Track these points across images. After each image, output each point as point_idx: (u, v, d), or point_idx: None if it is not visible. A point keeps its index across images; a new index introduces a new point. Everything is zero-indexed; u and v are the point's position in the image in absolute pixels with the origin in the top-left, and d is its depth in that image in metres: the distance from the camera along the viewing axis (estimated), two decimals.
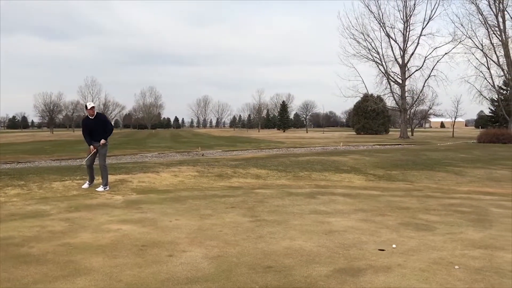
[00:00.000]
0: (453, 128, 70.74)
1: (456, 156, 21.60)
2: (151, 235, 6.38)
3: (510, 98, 45.70)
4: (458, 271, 4.94)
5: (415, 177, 14.58)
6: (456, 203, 9.59)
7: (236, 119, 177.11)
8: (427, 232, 6.82)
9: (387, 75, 52.70)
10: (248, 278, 4.64)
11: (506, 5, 43.51)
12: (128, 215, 7.81)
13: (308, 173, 14.46)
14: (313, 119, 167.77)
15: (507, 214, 8.35)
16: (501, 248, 5.91)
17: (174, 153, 26.45)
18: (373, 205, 9.10)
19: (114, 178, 11.87)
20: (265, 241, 6.14)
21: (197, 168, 14.15)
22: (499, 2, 43.39)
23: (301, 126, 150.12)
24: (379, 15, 52.19)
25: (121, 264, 5.05)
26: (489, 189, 12.39)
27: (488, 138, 33.85)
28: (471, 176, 15.08)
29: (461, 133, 69.77)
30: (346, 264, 5.15)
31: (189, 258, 5.31)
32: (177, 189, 10.99)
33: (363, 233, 6.68)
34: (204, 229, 6.81)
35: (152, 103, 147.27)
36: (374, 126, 75.44)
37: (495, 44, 44.56)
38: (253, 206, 8.85)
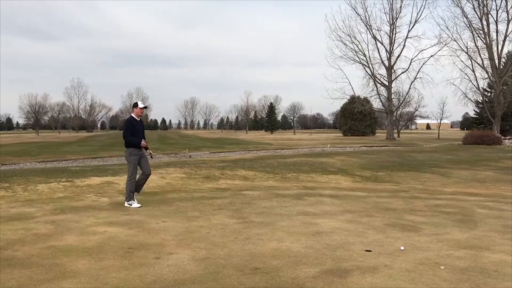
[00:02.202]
0: (438, 129, 71.49)
1: (441, 157, 21.82)
2: (138, 237, 6.34)
3: (494, 100, 46.31)
4: (444, 271, 4.99)
5: (401, 178, 14.70)
6: (442, 204, 9.69)
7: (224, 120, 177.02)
8: (413, 232, 6.88)
9: (373, 77, 53.11)
10: (236, 279, 4.64)
11: (490, 8, 44.17)
12: (114, 217, 7.75)
13: (296, 175, 14.50)
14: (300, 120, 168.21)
15: (492, 215, 8.46)
16: (486, 248, 5.99)
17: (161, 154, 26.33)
18: (360, 206, 9.16)
19: (100, 180, 11.78)
20: (253, 242, 6.14)
21: (184, 170, 14.10)
22: (483, 5, 44.03)
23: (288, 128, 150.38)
24: (366, 18, 52.66)
25: (107, 267, 5.00)
26: (474, 190, 12.54)
27: (473, 139, 34.22)
28: (457, 177, 15.25)
29: (447, 135, 70.51)
30: (333, 265, 5.17)
31: (176, 260, 5.29)
32: (164, 191, 10.94)
33: (350, 234, 6.71)
34: (191, 231, 6.79)
35: None
36: (361, 128, 75.89)
37: (479, 46, 45.24)
38: (240, 207, 8.84)
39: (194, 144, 39.80)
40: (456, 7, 46.17)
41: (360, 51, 52.66)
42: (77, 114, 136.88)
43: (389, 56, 52.46)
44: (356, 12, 54.77)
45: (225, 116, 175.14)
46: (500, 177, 15.58)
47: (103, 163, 19.23)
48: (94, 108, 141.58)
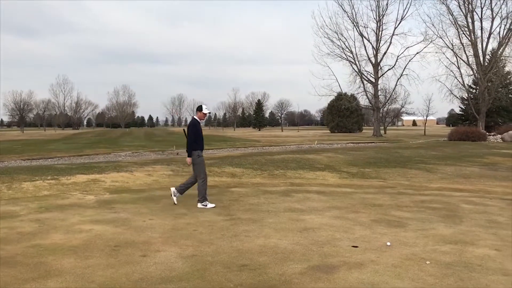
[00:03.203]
0: (424, 126, 72.12)
1: (427, 153, 22.03)
2: (124, 235, 6.30)
3: (479, 97, 46.84)
4: (429, 266, 5.04)
5: (388, 175, 14.81)
6: (428, 199, 9.78)
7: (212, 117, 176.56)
8: (399, 228, 6.94)
9: (360, 74, 53.37)
10: (223, 277, 4.63)
11: (474, 6, 44.60)
12: (100, 215, 7.70)
13: (283, 171, 14.52)
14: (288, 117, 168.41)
15: (477, 210, 8.57)
16: (470, 243, 6.06)
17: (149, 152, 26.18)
18: (347, 203, 9.21)
19: (86, 178, 11.68)
20: (240, 239, 6.14)
21: (171, 167, 14.04)
22: (468, 3, 44.44)
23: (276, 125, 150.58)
24: (353, 15, 52.79)
25: (94, 265, 4.97)
26: (459, 185, 12.68)
27: (458, 136, 34.60)
28: (442, 173, 15.41)
29: (433, 131, 71.19)
30: (320, 261, 5.19)
31: (163, 257, 5.27)
32: (151, 188, 10.89)
33: (337, 230, 6.74)
34: (179, 228, 6.76)
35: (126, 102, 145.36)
36: (348, 125, 76.23)
37: (464, 44, 45.65)
38: (228, 204, 8.83)
39: (182, 142, 39.58)
40: (441, 4, 46.85)
41: (347, 48, 52.90)
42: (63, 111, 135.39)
43: (375, 53, 52.75)
44: (343, 9, 55.04)
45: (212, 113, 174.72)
46: (484, 173, 15.78)
47: (89, 160, 19.06)
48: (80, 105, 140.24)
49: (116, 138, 52.63)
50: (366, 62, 53.64)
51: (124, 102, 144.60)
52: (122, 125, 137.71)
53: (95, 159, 20.97)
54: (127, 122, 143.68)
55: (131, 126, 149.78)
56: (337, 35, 52.83)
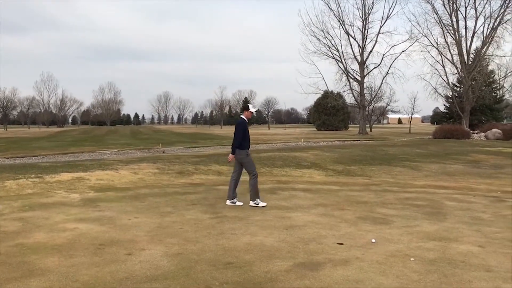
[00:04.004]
0: (410, 124, 72.77)
1: (412, 151, 22.23)
2: (109, 234, 6.25)
3: (464, 95, 47.38)
4: (414, 262, 5.09)
5: (373, 172, 14.91)
6: (412, 197, 9.87)
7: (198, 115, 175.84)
8: (384, 225, 6.99)
9: (346, 72, 53.56)
10: (208, 275, 4.62)
11: (459, 5, 45.06)
12: (85, 213, 7.63)
13: (270, 169, 14.54)
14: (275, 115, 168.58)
15: (460, 207, 8.67)
16: (454, 240, 6.14)
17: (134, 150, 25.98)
18: (333, 200, 9.25)
19: (71, 176, 11.56)
20: (226, 237, 6.13)
21: (157, 165, 13.98)
22: (453, 2, 44.88)
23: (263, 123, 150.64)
24: (339, 13, 52.86)
25: (78, 264, 4.92)
26: (444, 183, 12.82)
27: (443, 134, 34.97)
28: (427, 171, 15.57)
29: (418, 129, 71.83)
30: (305, 258, 5.21)
31: (149, 256, 5.24)
32: (136, 186, 10.82)
33: (323, 227, 6.78)
34: (164, 226, 6.73)
35: (111, 99, 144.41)
36: (334, 123, 76.55)
37: (449, 42, 46.11)
38: (214, 202, 8.82)
39: (168, 139, 39.43)
40: (426, 3, 46.87)
41: (333, 46, 53.01)
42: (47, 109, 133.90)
43: (361, 52, 52.98)
44: (329, 7, 55.23)
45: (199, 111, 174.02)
46: (468, 170, 15.98)
47: (74, 158, 18.86)
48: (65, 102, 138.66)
49: (101, 136, 52.18)
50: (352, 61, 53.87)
51: (110, 99, 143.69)
52: (107, 123, 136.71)
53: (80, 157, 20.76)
54: (113, 120, 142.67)
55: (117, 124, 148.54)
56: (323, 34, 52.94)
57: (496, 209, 8.58)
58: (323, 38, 52.90)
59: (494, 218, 7.66)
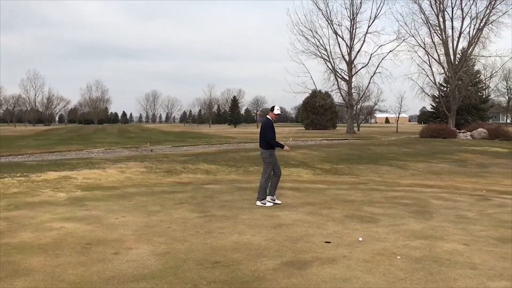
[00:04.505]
0: (397, 123, 73.27)
1: (399, 150, 22.39)
2: (96, 233, 6.21)
3: (450, 95, 47.81)
4: (400, 261, 5.14)
5: (361, 171, 15.00)
6: (399, 195, 9.95)
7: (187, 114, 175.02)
8: (371, 224, 7.04)
9: (334, 72, 53.73)
10: (196, 274, 4.62)
11: (445, 6, 45.45)
12: (72, 212, 7.57)
13: (258, 168, 14.53)
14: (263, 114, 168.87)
15: (446, 206, 8.76)
16: (440, 238, 6.20)
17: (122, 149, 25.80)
18: (320, 199, 9.29)
19: (57, 175, 11.46)
20: (214, 236, 6.13)
21: (145, 164, 13.91)
22: (440, 2, 45.25)
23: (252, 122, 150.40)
24: (327, 13, 53.01)
25: (64, 263, 4.88)
26: (430, 182, 12.94)
27: (430, 133, 35.23)
28: (413, 170, 15.70)
29: (405, 128, 72.37)
30: (293, 257, 5.23)
31: (136, 255, 5.21)
32: (124, 185, 10.75)
33: (310, 226, 6.80)
34: (152, 225, 6.71)
35: (99, 98, 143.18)
36: (322, 122, 76.78)
37: (436, 42, 46.47)
38: (202, 201, 8.80)
39: (156, 138, 39.24)
40: (414, 3, 47.17)
41: (321, 46, 53.14)
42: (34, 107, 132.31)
43: (349, 51, 53.18)
44: (318, 7, 55.22)
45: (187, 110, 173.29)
46: (454, 169, 16.15)
47: (60, 157, 18.67)
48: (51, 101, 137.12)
49: (88, 134, 51.76)
50: (340, 60, 54.06)
51: (97, 98, 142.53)
52: (95, 121, 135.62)
53: (67, 156, 20.57)
54: (100, 118, 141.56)
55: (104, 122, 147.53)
56: (311, 33, 53.05)
57: (481, 207, 8.69)
58: (311, 37, 53.04)
59: (479, 217, 7.76)
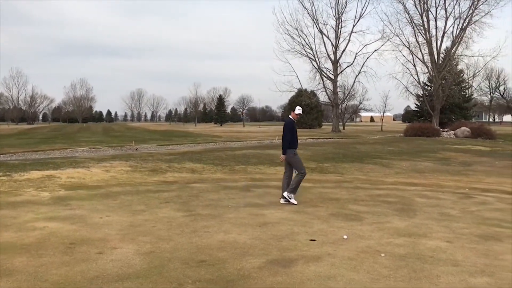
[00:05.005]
0: (381, 122, 73.78)
1: (384, 149, 22.58)
2: (80, 232, 6.16)
3: (434, 94, 48.36)
4: (384, 258, 5.19)
5: (346, 170, 15.09)
6: (383, 194, 10.04)
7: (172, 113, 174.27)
8: (356, 222, 7.10)
9: (320, 71, 53.96)
10: (181, 273, 4.61)
11: (429, 5, 45.95)
12: (55, 212, 7.49)
13: (244, 167, 14.56)
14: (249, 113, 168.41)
15: (430, 204, 8.87)
16: (423, 236, 6.28)
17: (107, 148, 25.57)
18: (306, 197, 9.33)
19: (41, 174, 11.32)
20: (199, 235, 6.12)
21: (130, 163, 13.81)
22: (424, 2, 45.74)
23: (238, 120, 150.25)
24: (313, 12, 53.19)
25: (47, 263, 4.83)
26: (414, 180, 13.07)
27: (414, 131, 35.58)
28: (398, 168, 15.84)
29: (389, 127, 72.97)
30: (278, 255, 5.25)
31: (120, 254, 5.18)
32: (108, 184, 10.67)
33: (296, 224, 6.83)
34: (137, 225, 6.67)
35: (83, 96, 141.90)
36: (308, 121, 77.07)
37: (420, 42, 46.95)
38: (187, 200, 8.78)
39: (141, 137, 38.98)
40: (398, 3, 47.65)
41: (307, 45, 53.31)
42: (17, 105, 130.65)
43: (335, 50, 53.42)
44: (303, 6, 55.26)
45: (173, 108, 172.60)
46: (438, 168, 16.34)
47: (44, 156, 18.46)
48: (35, 99, 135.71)
49: (73, 133, 51.22)
50: (325, 59, 54.30)
51: (82, 96, 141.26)
52: (79, 120, 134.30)
53: (51, 155, 20.33)
54: (85, 117, 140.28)
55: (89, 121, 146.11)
56: (297, 32, 53.20)
57: (464, 205, 8.81)
58: (297, 36, 53.19)
59: (462, 214, 7.87)
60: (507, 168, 16.62)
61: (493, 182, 12.72)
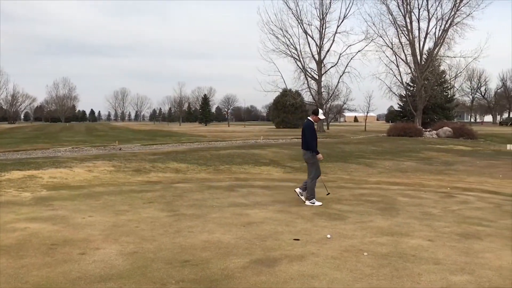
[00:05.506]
0: (365, 122, 74.41)
1: (367, 148, 22.76)
2: (62, 233, 6.09)
3: (417, 94, 48.86)
4: (367, 257, 5.24)
5: (329, 169, 15.16)
6: (367, 193, 10.13)
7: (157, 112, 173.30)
8: (339, 221, 7.15)
9: (304, 71, 54.08)
10: (165, 273, 4.59)
11: (412, 7, 46.40)
12: (37, 212, 7.39)
13: (229, 167, 14.54)
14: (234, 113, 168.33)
15: (412, 203, 8.97)
16: (406, 235, 6.35)
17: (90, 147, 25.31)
18: (290, 197, 9.37)
19: (22, 174, 11.16)
20: (183, 235, 6.10)
21: (113, 163, 13.70)
22: (407, 4, 46.18)
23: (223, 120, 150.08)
24: (297, 12, 53.23)
25: (28, 265, 4.77)
26: (397, 179, 13.20)
27: (397, 131, 35.91)
28: (381, 168, 15.99)
29: (373, 127, 73.58)
30: (262, 255, 5.26)
31: (103, 255, 5.14)
32: (91, 184, 10.57)
33: (280, 223, 6.86)
34: (120, 225, 6.62)
35: (66, 95, 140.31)
36: (293, 120, 77.25)
37: (403, 43, 47.33)
38: (171, 200, 8.74)
39: (125, 136, 38.67)
40: (382, 4, 47.88)
41: (291, 45, 53.36)
42: None
43: (319, 51, 53.59)
44: (288, 6, 55.27)
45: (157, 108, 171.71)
46: (420, 167, 16.53)
47: (26, 156, 18.19)
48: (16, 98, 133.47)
49: (55, 132, 50.57)
50: (310, 59, 54.43)
51: (64, 95, 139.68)
52: (62, 119, 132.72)
53: (33, 155, 20.05)
54: (68, 116, 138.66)
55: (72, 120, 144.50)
56: (282, 32, 53.20)
57: (446, 204, 8.93)
58: (281, 36, 53.21)
59: (443, 213, 7.97)
60: (487, 167, 16.89)
61: (474, 182, 12.92)
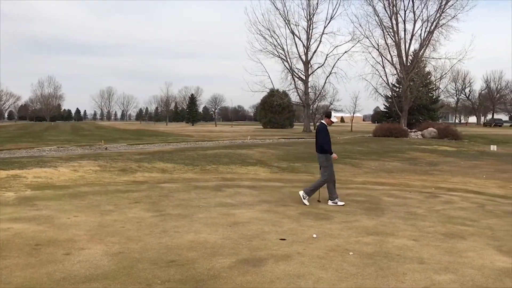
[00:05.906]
0: (351, 122, 74.79)
1: (353, 149, 22.90)
2: (47, 233, 6.03)
3: (402, 95, 49.30)
4: (352, 257, 5.28)
5: (316, 169, 15.15)
6: (352, 193, 10.19)
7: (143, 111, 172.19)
8: (325, 221, 7.19)
9: (291, 71, 54.27)
10: (150, 273, 4.57)
11: (398, 8, 46.82)
12: (20, 212, 7.30)
13: (215, 166, 14.52)
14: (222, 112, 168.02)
15: (397, 203, 9.05)
16: (391, 234, 6.41)
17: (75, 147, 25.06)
18: (276, 196, 9.39)
19: (5, 174, 11.02)
20: (169, 235, 6.08)
21: (99, 163, 13.59)
22: (393, 5, 46.58)
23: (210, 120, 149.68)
24: (284, 12, 53.44)
25: (11, 265, 4.71)
26: (382, 179, 13.31)
27: (383, 132, 36.19)
28: (367, 168, 16.10)
29: (359, 128, 74.05)
30: (248, 254, 5.27)
31: (88, 255, 5.10)
32: (76, 184, 10.48)
33: (266, 223, 6.87)
34: (105, 225, 6.58)
35: (51, 94, 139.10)
36: (280, 121, 77.43)
37: (389, 44, 47.74)
38: (157, 200, 8.70)
39: (111, 136, 38.35)
40: (368, 5, 48.31)
41: (279, 45, 53.54)
42: None
43: (306, 51, 53.84)
44: (275, 6, 55.44)
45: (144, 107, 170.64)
46: (405, 167, 16.68)
47: (9, 155, 17.95)
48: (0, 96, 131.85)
49: (40, 132, 49.97)
50: (297, 60, 54.64)
51: (50, 94, 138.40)
52: (47, 118, 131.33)
53: (17, 154, 19.80)
54: (53, 115, 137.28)
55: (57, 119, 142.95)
56: (269, 32, 53.36)
57: (430, 204, 9.03)
58: (269, 36, 53.36)
59: (428, 213, 8.06)
60: (471, 168, 17.11)
61: (458, 182, 13.07)
